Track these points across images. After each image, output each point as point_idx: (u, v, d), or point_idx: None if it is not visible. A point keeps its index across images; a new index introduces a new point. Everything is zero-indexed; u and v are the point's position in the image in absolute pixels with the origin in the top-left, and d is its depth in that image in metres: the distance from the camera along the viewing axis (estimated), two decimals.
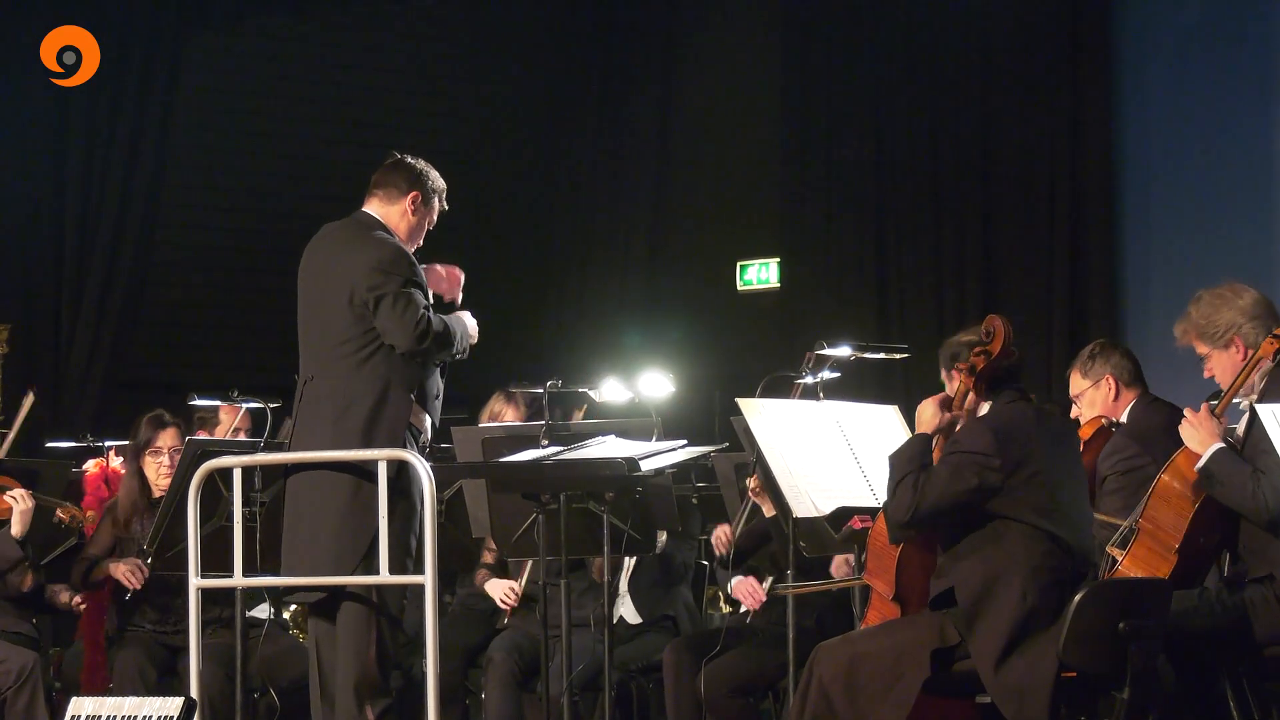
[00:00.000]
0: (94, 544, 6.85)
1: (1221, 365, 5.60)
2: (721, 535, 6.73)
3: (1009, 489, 4.95)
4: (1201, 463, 5.33)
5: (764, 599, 6.72)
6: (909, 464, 5.08)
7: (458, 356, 5.73)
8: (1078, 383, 5.96)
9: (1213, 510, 5.38)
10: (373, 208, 5.75)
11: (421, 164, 5.80)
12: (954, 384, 5.21)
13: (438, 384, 5.75)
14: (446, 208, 5.91)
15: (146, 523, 6.67)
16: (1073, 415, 5.97)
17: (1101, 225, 9.84)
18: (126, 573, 6.61)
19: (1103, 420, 5.82)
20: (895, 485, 5.05)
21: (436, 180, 5.82)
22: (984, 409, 5.17)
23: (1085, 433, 5.74)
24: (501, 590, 6.98)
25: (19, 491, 6.61)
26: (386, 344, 5.55)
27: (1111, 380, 5.90)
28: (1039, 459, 4.99)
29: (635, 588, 7.17)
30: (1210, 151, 9.31)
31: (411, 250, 5.75)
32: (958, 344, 5.24)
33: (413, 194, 5.75)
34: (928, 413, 5.20)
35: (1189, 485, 5.38)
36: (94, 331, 10.46)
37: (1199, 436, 5.36)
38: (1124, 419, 5.91)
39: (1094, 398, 5.92)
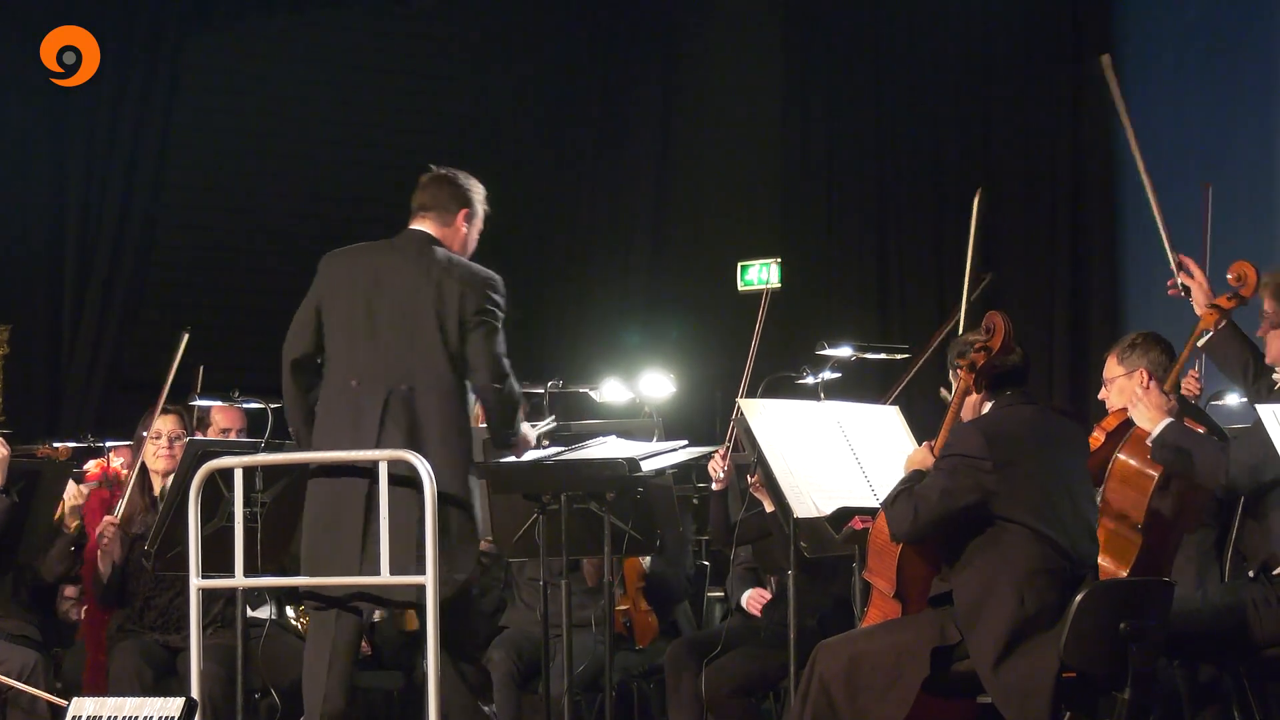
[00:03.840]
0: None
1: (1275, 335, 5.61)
2: (717, 461, 6.68)
3: (1004, 490, 4.94)
4: (1154, 436, 5.34)
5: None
6: (904, 483, 5.10)
7: (509, 439, 5.66)
8: (1112, 368, 5.93)
9: (1174, 488, 5.40)
10: (427, 227, 5.67)
11: (460, 176, 5.76)
12: (960, 383, 5.21)
13: None
14: (488, 209, 5.85)
15: (149, 520, 6.66)
16: (1100, 397, 5.95)
17: (1102, 225, 9.85)
18: (106, 539, 6.61)
19: (1129, 413, 5.80)
20: (892, 500, 5.06)
21: (478, 188, 5.78)
22: (987, 408, 5.17)
23: (1110, 423, 5.72)
24: None
25: None
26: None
27: (1145, 374, 5.87)
28: (1030, 460, 4.99)
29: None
30: (1211, 151, 9.31)
31: None
32: (963, 342, 5.23)
33: (463, 211, 5.71)
34: (916, 456, 5.22)
35: (1146, 462, 5.39)
36: (95, 332, 10.46)
37: (1148, 414, 5.39)
38: None
39: (1125, 386, 5.87)
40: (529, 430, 5.77)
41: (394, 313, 5.53)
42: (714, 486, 6.72)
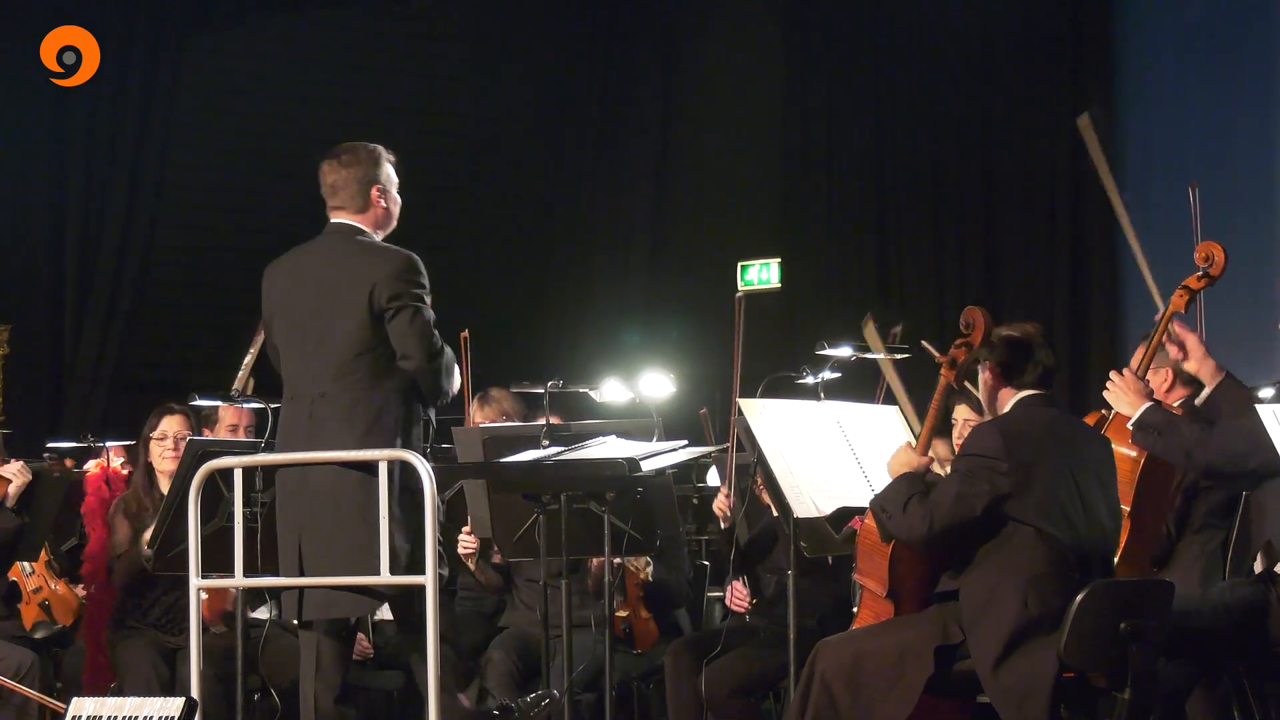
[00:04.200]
0: (114, 539, 6.83)
1: None
2: (722, 501, 6.70)
3: (1017, 492, 4.93)
4: (1133, 420, 5.35)
5: (749, 604, 6.73)
6: (910, 487, 5.08)
7: (443, 398, 5.61)
8: (1140, 359, 5.92)
9: (1159, 471, 5.40)
10: (345, 217, 5.61)
11: (359, 152, 5.65)
12: (985, 375, 5.18)
13: None
14: (394, 158, 5.72)
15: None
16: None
17: (1102, 225, 9.84)
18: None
19: (1102, 412, 5.80)
20: (903, 505, 5.03)
21: (379, 157, 5.66)
22: (1008, 406, 5.14)
23: (1091, 419, 5.72)
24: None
25: (15, 466, 6.62)
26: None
27: (1170, 373, 5.85)
28: (1046, 463, 4.96)
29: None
30: (1211, 151, 9.31)
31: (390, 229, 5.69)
32: (992, 337, 5.18)
33: (374, 189, 5.63)
34: (901, 457, 5.20)
35: (1128, 446, 5.40)
36: (96, 332, 10.46)
37: (1127, 399, 5.41)
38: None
39: (1150, 380, 5.87)
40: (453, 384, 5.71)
41: (309, 321, 5.52)
42: (722, 524, 6.72)
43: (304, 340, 5.52)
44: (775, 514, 6.44)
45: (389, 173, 5.66)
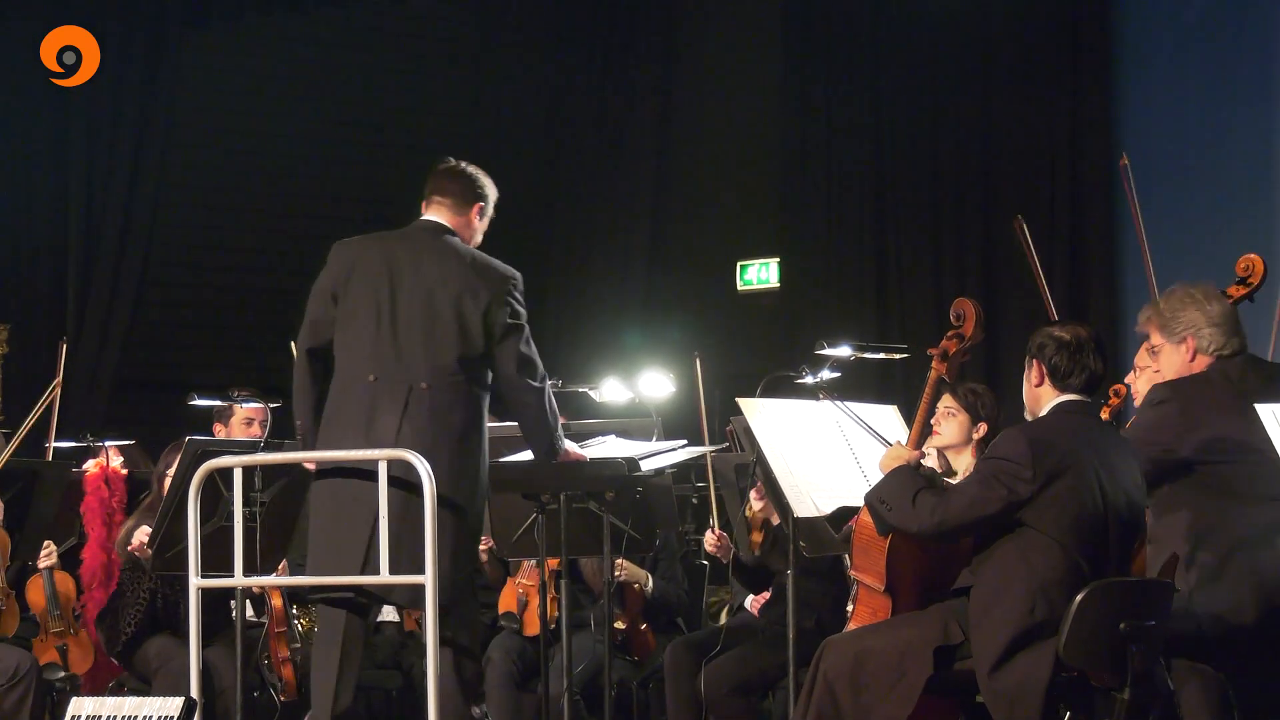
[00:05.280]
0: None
1: (1169, 360, 5.59)
2: (711, 539, 6.72)
3: (1037, 500, 4.90)
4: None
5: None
6: (914, 479, 5.08)
7: (556, 447, 5.61)
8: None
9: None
10: (441, 216, 5.65)
11: (479, 172, 5.76)
12: (1032, 371, 5.13)
13: None
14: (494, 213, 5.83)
15: None
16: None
17: (1101, 225, 9.84)
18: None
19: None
20: (911, 497, 5.02)
21: (493, 187, 5.78)
22: (1046, 408, 5.14)
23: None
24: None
25: None
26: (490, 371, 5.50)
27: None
28: (1072, 474, 4.92)
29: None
30: (1210, 150, 9.31)
31: None
32: (1045, 335, 5.14)
33: (477, 205, 5.71)
34: (893, 452, 5.22)
35: None
36: (100, 333, 10.46)
37: None
38: None
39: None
40: (573, 446, 5.72)
41: (413, 307, 5.47)
42: (724, 561, 6.73)
43: (407, 328, 5.46)
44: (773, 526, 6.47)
45: (490, 211, 5.76)
